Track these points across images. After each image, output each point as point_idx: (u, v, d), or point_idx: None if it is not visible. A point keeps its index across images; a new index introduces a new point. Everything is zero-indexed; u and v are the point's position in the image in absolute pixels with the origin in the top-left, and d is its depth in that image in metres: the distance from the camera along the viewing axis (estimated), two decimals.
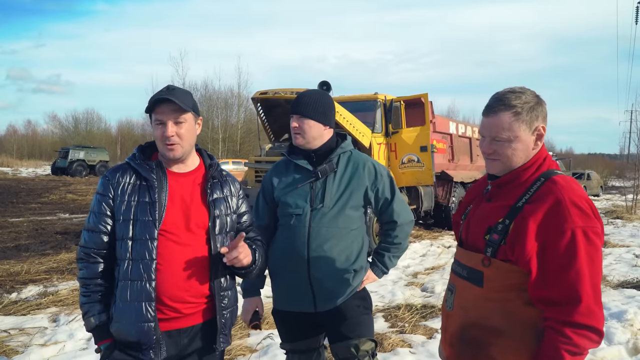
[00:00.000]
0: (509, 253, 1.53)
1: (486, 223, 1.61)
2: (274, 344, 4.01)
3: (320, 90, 2.42)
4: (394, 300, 5.68)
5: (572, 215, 1.44)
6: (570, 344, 1.40)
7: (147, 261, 1.82)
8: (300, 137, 2.32)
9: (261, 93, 9.38)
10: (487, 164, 1.67)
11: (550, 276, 1.45)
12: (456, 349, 1.69)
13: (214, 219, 1.95)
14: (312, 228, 2.27)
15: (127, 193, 1.88)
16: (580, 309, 1.41)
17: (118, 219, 1.87)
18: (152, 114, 1.91)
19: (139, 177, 1.91)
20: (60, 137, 58.95)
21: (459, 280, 1.70)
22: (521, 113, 1.56)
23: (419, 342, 4.30)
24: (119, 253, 1.87)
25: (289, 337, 2.47)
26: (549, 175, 1.56)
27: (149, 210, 1.86)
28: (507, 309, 1.54)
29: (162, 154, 1.95)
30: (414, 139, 9.70)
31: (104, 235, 1.88)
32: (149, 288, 1.82)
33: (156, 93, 1.91)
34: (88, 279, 1.88)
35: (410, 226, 2.45)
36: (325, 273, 2.28)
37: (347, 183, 2.33)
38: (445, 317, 1.77)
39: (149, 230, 1.84)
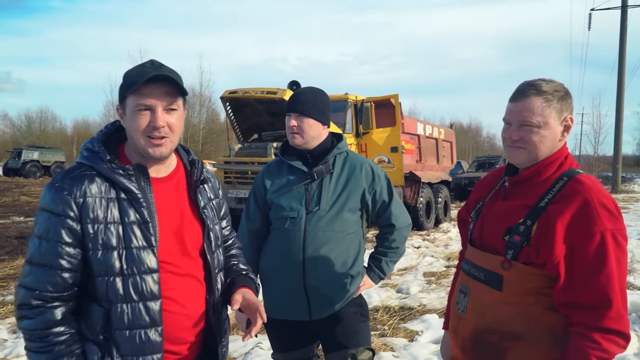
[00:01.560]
0: (534, 256, 1.46)
1: (505, 223, 1.54)
2: (261, 352, 3.86)
3: (318, 88, 2.30)
4: (371, 303, 5.61)
5: (602, 217, 1.39)
6: (600, 350, 1.36)
7: (149, 302, 1.40)
8: (298, 136, 2.19)
9: (230, 92, 9.20)
10: (511, 152, 1.56)
11: (580, 280, 1.40)
12: (469, 353, 1.62)
13: (208, 234, 1.55)
14: (308, 232, 2.16)
15: (102, 212, 1.38)
16: (611, 314, 1.37)
17: (94, 249, 1.37)
18: (130, 97, 1.41)
19: (113, 187, 1.41)
20: (12, 137, 56.52)
21: (475, 282, 1.61)
22: (552, 100, 1.50)
23: (401, 345, 4.25)
24: (103, 294, 1.39)
25: (282, 347, 2.35)
26: (572, 174, 1.50)
27: (141, 233, 1.40)
28: (526, 313, 1.48)
29: (140, 151, 1.45)
30: (385, 140, 9.73)
31: (68, 272, 1.36)
32: (157, 337, 1.41)
33: (137, 68, 1.44)
34: (43, 330, 1.35)
35: (408, 230, 2.38)
36: (322, 279, 2.17)
37: (344, 185, 2.23)
38: (457, 320, 1.68)
39: (147, 259, 1.40)
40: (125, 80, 1.43)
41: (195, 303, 1.52)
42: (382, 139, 9.74)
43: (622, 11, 26.24)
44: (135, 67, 1.45)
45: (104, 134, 1.50)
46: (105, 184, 1.40)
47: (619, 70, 26.34)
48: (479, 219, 1.68)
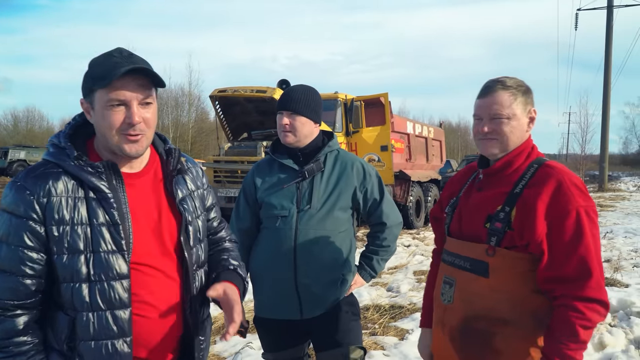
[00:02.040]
0: (517, 239, 1.54)
1: (484, 211, 1.63)
2: (251, 351, 3.84)
3: (309, 86, 2.29)
4: (362, 301, 5.61)
5: (575, 195, 1.51)
6: (583, 319, 1.45)
7: (118, 311, 1.30)
8: (291, 135, 2.18)
9: (220, 91, 9.17)
10: (484, 145, 1.66)
11: (561, 255, 1.50)
12: (458, 342, 1.66)
13: (186, 229, 1.44)
14: (299, 231, 2.15)
15: (68, 213, 1.27)
16: (592, 284, 1.46)
17: (59, 252, 1.26)
18: (99, 91, 1.28)
19: (81, 186, 1.30)
20: None
21: (460, 272, 1.66)
22: (517, 94, 1.62)
23: (391, 343, 4.26)
24: (68, 301, 1.28)
25: (272, 346, 2.34)
26: (541, 161, 1.63)
27: (110, 236, 1.29)
28: (513, 298, 1.56)
29: (112, 148, 1.34)
30: (375, 139, 9.76)
31: (29, 279, 1.26)
32: (125, 348, 1.31)
33: (104, 58, 1.31)
34: (4, 340, 1.26)
35: (399, 228, 2.38)
36: (313, 278, 2.16)
37: (335, 183, 2.23)
38: (443, 311, 1.72)
39: (117, 265, 1.29)
40: (93, 70, 1.30)
41: (172, 305, 1.42)
42: (372, 137, 9.76)
43: (608, 11, 26.53)
44: (102, 57, 1.32)
45: (71, 126, 1.39)
46: (72, 182, 1.30)
47: (605, 70, 26.65)
48: (455, 212, 1.76)
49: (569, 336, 1.45)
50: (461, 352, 1.66)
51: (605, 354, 3.98)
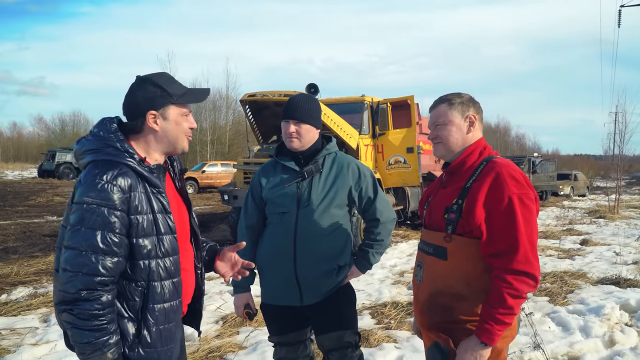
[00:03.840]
0: (466, 225, 1.82)
1: (443, 205, 1.92)
2: (263, 340, 4.11)
3: (309, 95, 2.54)
4: (381, 298, 5.80)
5: (509, 184, 1.77)
6: (511, 288, 1.71)
7: (176, 279, 1.72)
8: (297, 141, 2.43)
9: (249, 95, 9.47)
10: (434, 149, 2.03)
11: (496, 234, 1.76)
12: (426, 314, 1.96)
13: (194, 213, 1.94)
14: (299, 226, 2.39)
15: (141, 205, 1.63)
16: (519, 257, 1.71)
17: (138, 235, 1.62)
18: (172, 106, 1.75)
19: (147, 182, 1.67)
20: (46, 140, 58.39)
21: (427, 256, 1.97)
22: (454, 104, 1.95)
23: (403, 337, 4.43)
24: (141, 274, 1.64)
25: (277, 330, 2.58)
26: (490, 159, 1.90)
27: (167, 222, 1.69)
28: (467, 277, 1.83)
29: (179, 148, 1.81)
30: (401, 141, 9.86)
31: (122, 258, 1.59)
32: (179, 304, 1.75)
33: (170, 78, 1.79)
34: (102, 310, 1.54)
35: (392, 224, 2.58)
36: (311, 269, 2.39)
37: (332, 183, 2.45)
38: (417, 289, 2.04)
39: (173, 244, 1.71)
40: (170, 88, 1.73)
41: (192, 268, 1.88)
42: (398, 139, 9.88)
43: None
44: (168, 77, 1.77)
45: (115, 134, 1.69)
46: (139, 179, 1.65)
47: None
48: (428, 208, 2.07)
49: (498, 303, 1.71)
50: (428, 322, 1.95)
51: (614, 351, 4.04)
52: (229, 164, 26.11)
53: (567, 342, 4.21)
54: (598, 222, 14.17)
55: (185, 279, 1.81)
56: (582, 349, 4.10)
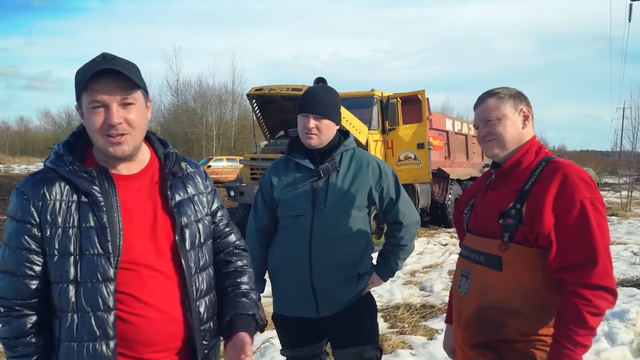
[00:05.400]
0: (528, 232, 1.61)
1: (497, 209, 1.71)
2: (272, 347, 3.91)
3: (330, 87, 2.29)
4: (393, 300, 5.60)
5: (580, 187, 1.57)
6: (591, 306, 1.50)
7: (101, 313, 1.30)
8: (316, 137, 2.19)
9: (256, 89, 9.28)
10: (485, 147, 1.80)
11: (568, 244, 1.56)
12: (471, 332, 1.75)
13: (181, 231, 1.43)
14: (315, 230, 2.17)
15: (61, 216, 1.32)
16: (598, 271, 1.51)
17: (51, 254, 1.31)
18: (83, 95, 1.33)
19: (75, 190, 1.34)
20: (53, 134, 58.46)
21: (475, 266, 1.76)
22: (504, 97, 1.76)
23: (419, 343, 4.23)
24: (56, 302, 1.33)
25: (290, 343, 2.38)
26: (549, 159, 1.71)
27: (97, 240, 1.31)
28: (525, 290, 1.63)
29: (101, 151, 1.38)
30: (411, 136, 9.64)
31: (30, 279, 1.32)
32: (107, 351, 1.31)
33: (87, 64, 1.34)
34: (13, 339, 1.33)
35: (416, 227, 2.36)
36: (329, 277, 2.18)
37: (351, 182, 2.23)
38: (459, 302, 1.82)
39: (101, 268, 1.31)
40: (76, 77, 1.35)
41: (173, 305, 1.41)
42: (409, 135, 9.64)
43: None
44: (86, 63, 1.35)
45: (73, 134, 1.45)
46: (67, 187, 1.34)
47: None
48: (472, 211, 1.86)
49: (577, 323, 1.50)
50: (473, 340, 1.74)
51: None
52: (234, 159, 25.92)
53: (592, 350, 3.99)
54: (611, 220, 13.88)
55: (151, 319, 1.36)
56: (609, 357, 3.88)
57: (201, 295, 1.48)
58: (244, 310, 1.52)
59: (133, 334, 1.35)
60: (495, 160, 1.82)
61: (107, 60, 1.34)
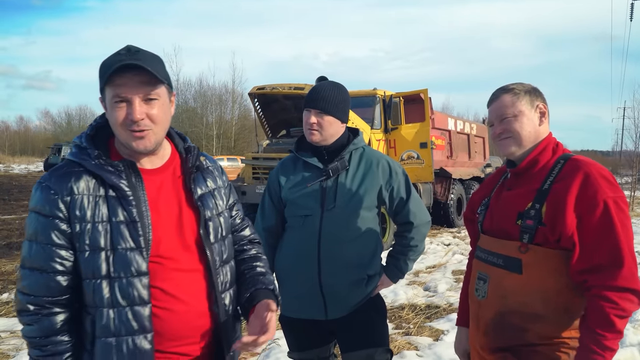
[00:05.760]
0: (550, 234, 1.55)
1: (515, 209, 1.65)
2: (277, 348, 3.86)
3: (338, 83, 2.24)
4: (397, 300, 5.56)
5: (602, 186, 1.51)
6: (617, 308, 1.46)
7: (137, 307, 1.30)
8: (318, 134, 2.15)
9: (258, 88, 9.22)
10: (501, 146, 1.73)
11: (592, 246, 1.50)
12: (491, 336, 1.70)
13: (205, 224, 1.44)
14: (323, 230, 2.12)
15: (90, 211, 1.29)
16: (623, 272, 1.46)
17: (82, 249, 1.28)
18: (106, 88, 1.31)
19: (102, 184, 1.32)
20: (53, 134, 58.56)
21: (493, 269, 1.70)
22: (519, 93, 1.69)
23: (425, 344, 4.18)
24: (89, 298, 1.30)
25: (298, 345, 2.33)
26: (568, 156, 1.64)
27: (128, 234, 1.30)
28: (546, 293, 1.58)
29: (125, 145, 1.36)
30: (414, 135, 9.58)
31: (62, 275, 1.29)
32: (146, 343, 1.30)
33: (111, 57, 1.31)
34: (43, 338, 1.30)
35: (427, 227, 2.31)
36: (337, 279, 2.13)
37: (360, 182, 2.18)
38: (477, 307, 1.76)
39: (135, 262, 1.30)
40: (100, 70, 1.32)
41: (199, 298, 1.41)
42: (411, 134, 9.58)
43: None
44: (110, 55, 1.32)
45: (93, 127, 1.41)
46: (93, 181, 1.32)
47: None
48: (487, 211, 1.79)
49: (604, 326, 1.45)
50: (493, 344, 1.69)
51: None
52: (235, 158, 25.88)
53: None
54: None
55: (179, 312, 1.36)
56: (619, 358, 3.82)
57: (225, 287, 1.49)
58: (264, 285, 1.55)
59: (161, 328, 1.34)
60: (511, 158, 1.75)
61: (131, 53, 1.31)
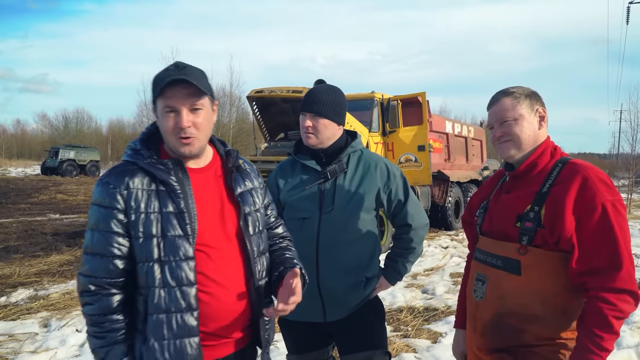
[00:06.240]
0: (549, 236, 1.58)
1: (514, 212, 1.68)
2: (276, 350, 3.87)
3: (334, 86, 2.26)
4: (395, 303, 5.57)
5: (600, 189, 1.55)
6: (615, 310, 1.49)
7: (185, 287, 1.47)
8: (313, 137, 2.17)
9: (257, 92, 9.25)
10: (500, 149, 1.75)
11: (591, 248, 1.53)
12: (488, 337, 1.72)
13: (245, 218, 1.62)
14: (322, 233, 2.14)
15: (143, 202, 1.49)
16: (622, 275, 1.50)
17: (136, 236, 1.47)
18: (158, 100, 1.52)
19: (153, 180, 1.52)
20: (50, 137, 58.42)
21: (492, 270, 1.73)
22: (520, 97, 1.72)
23: (423, 346, 4.19)
24: (143, 280, 1.48)
25: (297, 348, 2.34)
26: (566, 160, 1.68)
27: (177, 223, 1.49)
28: (544, 295, 1.60)
29: (174, 150, 1.56)
30: (412, 138, 9.62)
31: (118, 259, 1.47)
32: (192, 320, 1.47)
33: (162, 72, 1.52)
34: (101, 316, 1.47)
35: (425, 230, 2.32)
36: (336, 281, 2.14)
37: (358, 184, 2.20)
38: (475, 308, 1.78)
39: (182, 248, 1.48)
40: (153, 83, 1.53)
41: (238, 285, 1.58)
42: (409, 137, 9.62)
43: None
44: (161, 71, 1.53)
45: (145, 134, 1.63)
46: (146, 177, 1.51)
47: None
48: (486, 214, 1.82)
49: (602, 327, 1.48)
50: (490, 345, 1.71)
51: None
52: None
53: None
54: None
55: (220, 296, 1.53)
56: None
57: (262, 276, 1.66)
58: (292, 265, 1.70)
59: (204, 310, 1.51)
60: (510, 161, 1.78)
61: (179, 69, 1.51)
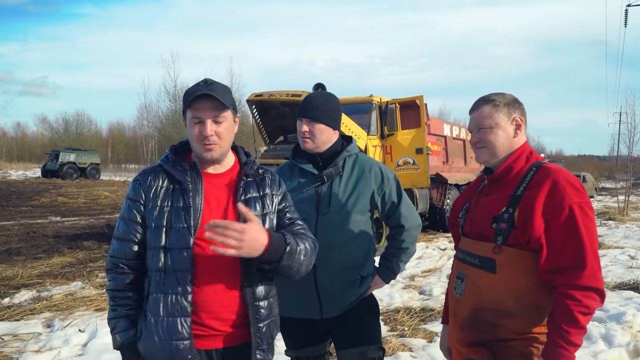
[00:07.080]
0: (520, 236, 1.67)
1: (490, 213, 1.77)
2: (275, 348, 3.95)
3: (329, 93, 2.37)
4: (392, 304, 5.65)
5: (568, 192, 1.64)
6: (581, 306, 1.57)
7: (182, 272, 1.66)
8: (310, 141, 2.28)
9: (256, 95, 9.34)
10: (476, 153, 1.88)
11: (558, 248, 1.62)
12: (467, 331, 1.81)
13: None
14: (319, 233, 2.22)
15: (160, 198, 1.72)
16: (586, 273, 1.58)
17: (150, 225, 1.71)
18: (187, 111, 1.75)
19: (172, 181, 1.75)
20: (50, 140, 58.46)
21: (470, 268, 1.82)
22: (499, 105, 1.81)
23: (419, 345, 4.28)
24: (150, 263, 1.70)
25: (294, 344, 2.43)
26: (540, 164, 1.77)
27: (183, 216, 1.69)
28: (518, 292, 1.69)
29: (198, 155, 1.77)
30: (410, 141, 9.71)
31: (134, 244, 1.73)
32: (185, 302, 1.65)
33: (193, 87, 1.75)
34: (116, 291, 1.74)
35: (417, 230, 2.42)
36: (332, 280, 2.24)
37: (354, 187, 2.30)
38: (455, 304, 1.88)
39: (184, 238, 1.67)
40: (183, 97, 1.76)
41: (231, 281, 1.70)
42: (407, 140, 9.72)
43: None
44: (192, 86, 1.75)
45: (180, 143, 1.88)
46: (167, 178, 1.76)
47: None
48: (467, 216, 1.91)
49: (569, 323, 1.57)
50: (468, 339, 1.81)
51: None
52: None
53: (590, 351, 4.05)
54: (608, 225, 13.98)
55: (212, 289, 1.69)
56: (607, 359, 3.93)
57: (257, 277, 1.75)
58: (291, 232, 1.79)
59: (197, 299, 1.67)
60: (486, 165, 1.88)
61: (207, 85, 1.73)
